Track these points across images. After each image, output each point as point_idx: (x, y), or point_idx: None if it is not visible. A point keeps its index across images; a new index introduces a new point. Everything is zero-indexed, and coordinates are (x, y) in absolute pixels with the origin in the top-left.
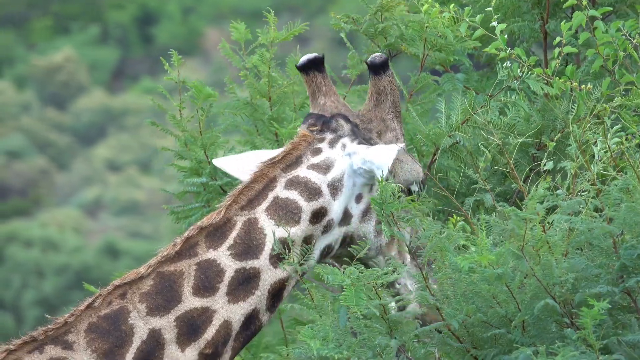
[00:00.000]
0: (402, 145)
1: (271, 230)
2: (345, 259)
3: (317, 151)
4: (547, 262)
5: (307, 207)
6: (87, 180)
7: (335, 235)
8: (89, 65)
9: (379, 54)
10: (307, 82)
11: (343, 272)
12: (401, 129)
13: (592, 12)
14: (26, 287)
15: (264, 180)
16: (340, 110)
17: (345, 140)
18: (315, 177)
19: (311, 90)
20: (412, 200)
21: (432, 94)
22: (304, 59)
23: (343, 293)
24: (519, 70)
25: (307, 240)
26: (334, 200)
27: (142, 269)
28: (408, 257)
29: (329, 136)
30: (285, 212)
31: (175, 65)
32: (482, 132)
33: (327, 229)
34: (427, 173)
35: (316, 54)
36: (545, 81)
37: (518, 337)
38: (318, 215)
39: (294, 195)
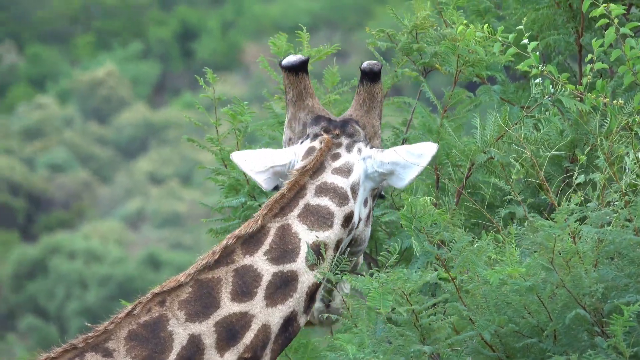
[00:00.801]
0: (436, 145)
1: (305, 242)
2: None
3: (337, 156)
4: (577, 273)
5: (339, 212)
6: (129, 193)
7: (350, 237)
8: (131, 80)
9: (375, 61)
10: (293, 83)
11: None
12: (380, 128)
13: (623, 29)
14: (70, 298)
15: (295, 188)
16: (323, 111)
17: (361, 145)
18: (340, 181)
19: (297, 91)
20: (443, 213)
21: (467, 108)
22: (294, 59)
23: (369, 294)
24: (551, 87)
25: (338, 245)
26: (355, 203)
27: (182, 277)
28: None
29: (345, 141)
30: (317, 218)
31: (211, 82)
32: (516, 146)
33: (350, 232)
34: (459, 189)
35: (304, 56)
36: (578, 97)
37: (550, 347)
38: (348, 219)
39: (325, 201)
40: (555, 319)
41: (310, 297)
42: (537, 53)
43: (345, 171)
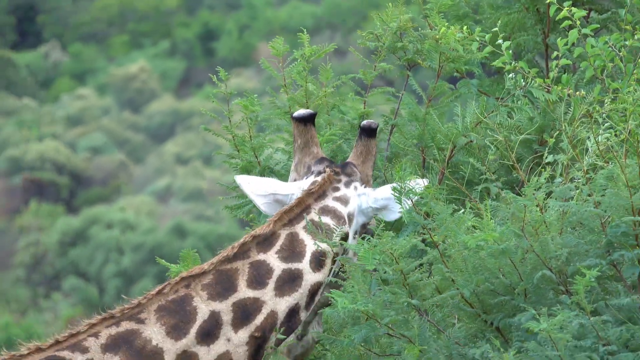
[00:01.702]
0: (426, 180)
1: (307, 219)
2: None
3: (337, 189)
4: (544, 240)
5: (336, 227)
6: (159, 172)
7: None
8: (160, 75)
9: (373, 121)
10: (302, 132)
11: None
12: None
13: (584, 30)
14: (107, 262)
15: (302, 205)
16: (326, 158)
17: (357, 183)
18: (340, 207)
19: (305, 139)
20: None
21: (449, 99)
22: (304, 112)
23: (360, 253)
24: (522, 80)
25: (333, 257)
26: (350, 228)
27: (205, 266)
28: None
29: (344, 178)
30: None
31: (223, 79)
32: (491, 132)
33: (345, 252)
34: (442, 169)
35: (311, 110)
36: (546, 89)
37: (521, 303)
38: (345, 239)
39: (327, 220)
40: (525, 279)
41: (312, 295)
42: (510, 51)
43: (344, 201)
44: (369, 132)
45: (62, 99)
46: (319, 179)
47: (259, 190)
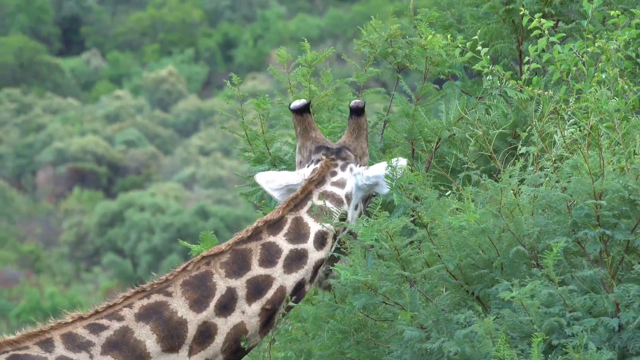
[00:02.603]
0: (405, 160)
1: (312, 202)
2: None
3: (334, 173)
4: (518, 220)
5: (337, 211)
6: (185, 162)
7: (345, 232)
8: (186, 78)
9: (359, 100)
10: (299, 121)
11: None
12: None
13: (552, 38)
14: (140, 240)
15: (304, 192)
16: (326, 140)
17: (352, 165)
18: (337, 190)
19: (303, 127)
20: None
21: (435, 98)
22: (298, 104)
23: (360, 231)
24: (498, 81)
25: (335, 235)
26: (349, 207)
27: (223, 246)
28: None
29: (340, 162)
30: (322, 214)
31: (236, 83)
32: (471, 126)
33: (345, 228)
34: (429, 158)
35: (305, 100)
36: (519, 89)
37: (498, 275)
38: (343, 218)
39: (327, 203)
40: (502, 254)
41: (315, 270)
42: (488, 57)
43: (341, 184)
44: (357, 111)
45: (102, 99)
46: (318, 166)
47: (275, 185)
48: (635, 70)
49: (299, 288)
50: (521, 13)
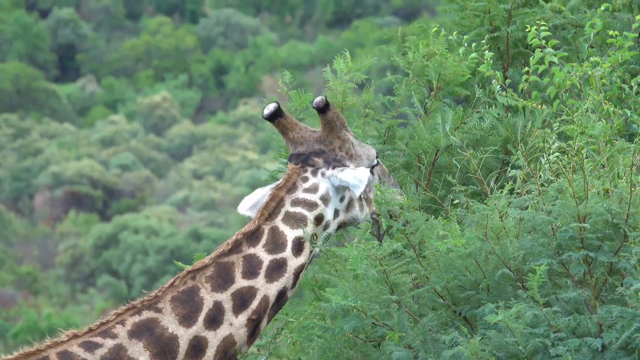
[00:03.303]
0: (367, 171)
1: (302, 230)
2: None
3: (305, 179)
4: (503, 243)
5: (310, 215)
6: (178, 185)
7: (332, 227)
8: (179, 103)
9: (320, 98)
10: (275, 126)
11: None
12: (350, 133)
13: (553, 58)
14: (135, 262)
15: (276, 200)
16: (306, 136)
17: (322, 169)
18: (310, 196)
19: (280, 130)
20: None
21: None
22: (266, 112)
23: (349, 259)
24: (498, 86)
25: (314, 237)
26: (327, 207)
27: (206, 260)
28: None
29: (309, 169)
30: (295, 220)
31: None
32: (469, 134)
33: (326, 227)
34: (417, 180)
35: (275, 105)
36: (513, 99)
37: (484, 297)
38: (319, 219)
39: (299, 209)
40: (488, 276)
41: (296, 276)
42: (491, 61)
43: (313, 190)
44: (320, 110)
45: (97, 124)
46: (285, 174)
47: (247, 206)
48: (621, 95)
49: (281, 296)
50: (527, 30)
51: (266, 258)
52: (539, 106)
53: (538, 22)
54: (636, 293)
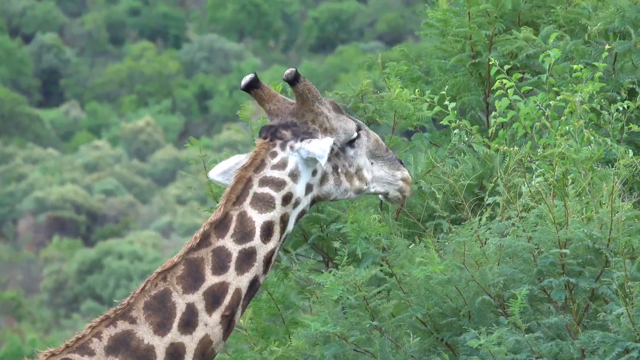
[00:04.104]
0: (332, 138)
1: (267, 215)
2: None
3: (274, 154)
4: (483, 270)
5: (277, 195)
6: (162, 211)
7: (305, 203)
8: (163, 128)
9: (290, 70)
10: (252, 97)
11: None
12: (325, 106)
13: (515, 96)
14: (119, 288)
15: (243, 181)
16: (282, 108)
17: (291, 142)
18: (278, 174)
19: (258, 101)
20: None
21: (405, 149)
22: (243, 83)
23: (326, 286)
24: (466, 136)
25: (284, 217)
26: (296, 184)
27: (175, 258)
28: (370, 175)
29: (278, 142)
30: (263, 203)
31: (193, 144)
32: (440, 179)
33: (296, 204)
34: (397, 209)
35: (251, 75)
36: (486, 145)
37: (465, 323)
38: (287, 198)
39: (267, 190)
40: (468, 303)
41: (267, 262)
42: (455, 111)
43: (282, 165)
44: (290, 82)
45: (80, 149)
46: (252, 151)
47: (218, 171)
48: (599, 122)
49: (253, 285)
50: (490, 63)
51: (235, 249)
52: (511, 148)
53: (515, 49)
54: (618, 318)
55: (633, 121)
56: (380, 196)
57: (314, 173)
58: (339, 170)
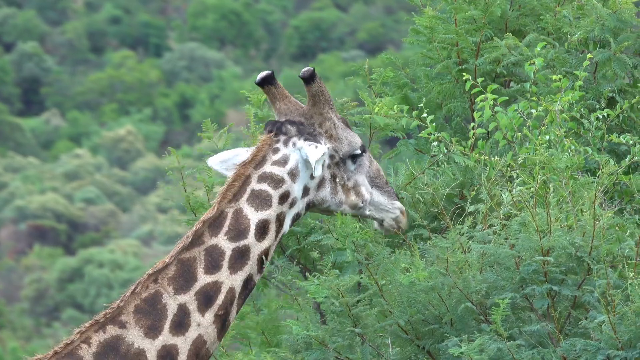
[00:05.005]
0: (329, 145)
1: (263, 213)
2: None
3: (276, 150)
4: (465, 278)
5: (275, 194)
6: (143, 219)
7: (301, 205)
8: (144, 137)
9: (307, 68)
10: (265, 93)
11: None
12: (335, 114)
13: (496, 108)
14: (100, 296)
15: (241, 178)
16: (292, 109)
17: (295, 139)
18: (277, 170)
19: (270, 98)
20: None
21: (389, 156)
22: (259, 77)
23: (310, 289)
24: (445, 148)
25: (280, 217)
26: (294, 183)
27: (167, 259)
28: (368, 195)
29: (282, 137)
30: (260, 200)
31: (173, 154)
32: (421, 188)
33: (292, 204)
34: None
35: (268, 72)
36: (465, 155)
37: (448, 330)
38: (283, 197)
39: (265, 187)
40: (451, 310)
41: (261, 261)
42: (434, 124)
43: (282, 162)
44: (306, 80)
45: (61, 158)
46: (254, 147)
47: (218, 159)
48: (579, 130)
49: (247, 283)
50: (464, 79)
51: (228, 248)
52: (492, 158)
53: (502, 56)
54: (599, 326)
55: (613, 129)
56: (375, 224)
57: (312, 176)
58: (337, 180)
